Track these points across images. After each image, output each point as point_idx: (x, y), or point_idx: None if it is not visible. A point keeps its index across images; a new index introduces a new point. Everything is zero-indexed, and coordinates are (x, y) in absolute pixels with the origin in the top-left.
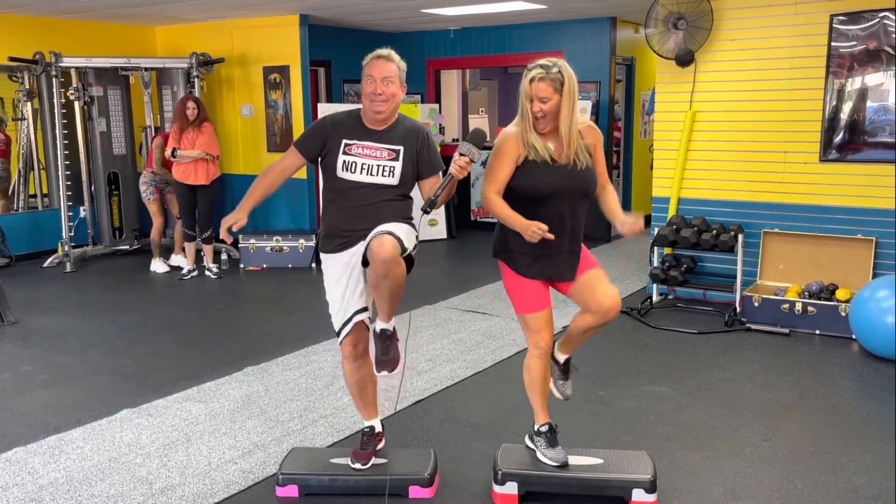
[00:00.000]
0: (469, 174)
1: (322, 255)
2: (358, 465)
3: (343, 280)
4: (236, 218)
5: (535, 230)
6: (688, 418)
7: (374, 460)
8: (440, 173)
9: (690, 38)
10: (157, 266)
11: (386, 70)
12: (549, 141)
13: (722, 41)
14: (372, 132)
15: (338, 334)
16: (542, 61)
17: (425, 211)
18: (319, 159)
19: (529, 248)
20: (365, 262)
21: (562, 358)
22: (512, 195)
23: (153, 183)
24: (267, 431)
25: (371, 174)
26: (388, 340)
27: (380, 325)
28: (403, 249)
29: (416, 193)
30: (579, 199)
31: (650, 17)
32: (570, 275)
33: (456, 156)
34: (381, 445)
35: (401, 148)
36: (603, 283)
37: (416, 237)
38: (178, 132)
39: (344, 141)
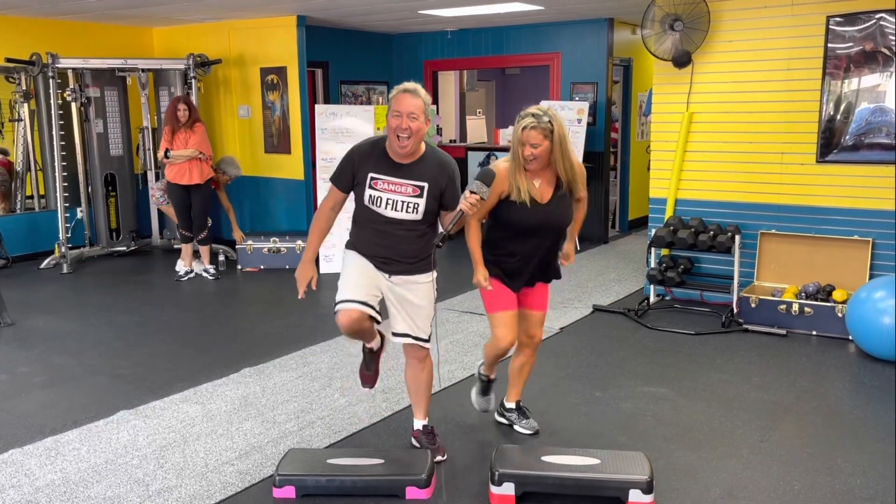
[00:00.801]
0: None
1: (348, 250)
2: (367, 388)
3: (366, 271)
4: (310, 274)
5: (479, 280)
6: (685, 419)
7: (368, 460)
8: None
9: (687, 40)
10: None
11: (412, 105)
12: (536, 179)
13: (719, 42)
14: (398, 166)
15: (336, 303)
16: (532, 110)
17: (438, 246)
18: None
19: (497, 263)
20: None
21: (512, 404)
22: (497, 223)
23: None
24: (264, 433)
25: (395, 209)
26: (430, 434)
27: (419, 423)
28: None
29: None
30: (556, 233)
31: (646, 19)
32: (521, 286)
33: (466, 193)
34: (383, 352)
35: (426, 185)
36: (539, 325)
37: (435, 279)
38: (169, 133)
39: (371, 175)
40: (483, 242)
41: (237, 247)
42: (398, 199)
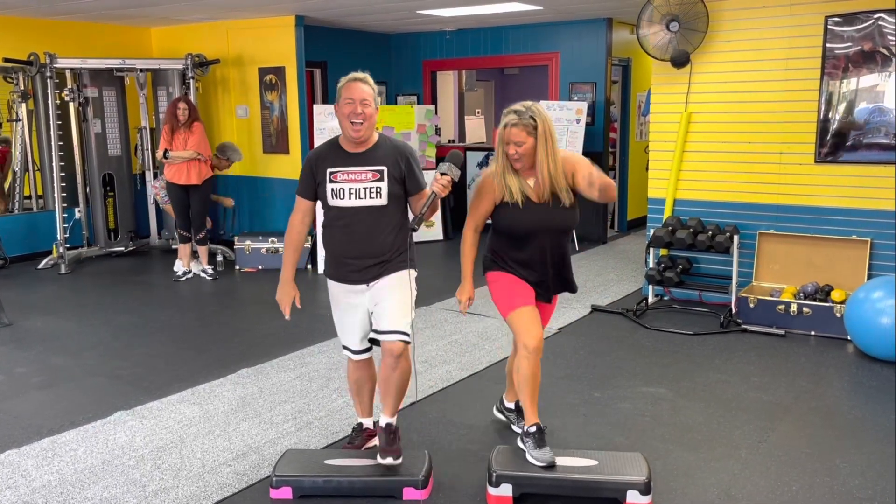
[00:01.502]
0: (465, 179)
1: (327, 279)
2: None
3: (347, 315)
4: (291, 294)
5: (462, 299)
6: (683, 420)
7: (365, 461)
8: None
9: (684, 40)
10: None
11: (364, 92)
12: (529, 178)
13: (717, 42)
14: (353, 156)
15: (342, 344)
16: (516, 107)
17: (413, 228)
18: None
19: (519, 264)
20: (372, 342)
21: (511, 404)
22: (497, 232)
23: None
24: (261, 433)
25: (360, 197)
26: (392, 434)
27: (384, 419)
28: (410, 340)
29: None
30: (560, 235)
31: (642, 19)
32: (549, 296)
33: (437, 175)
34: (371, 443)
35: (384, 168)
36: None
37: (415, 278)
38: (168, 133)
39: (328, 170)
40: (491, 255)
41: (235, 247)
42: (360, 187)
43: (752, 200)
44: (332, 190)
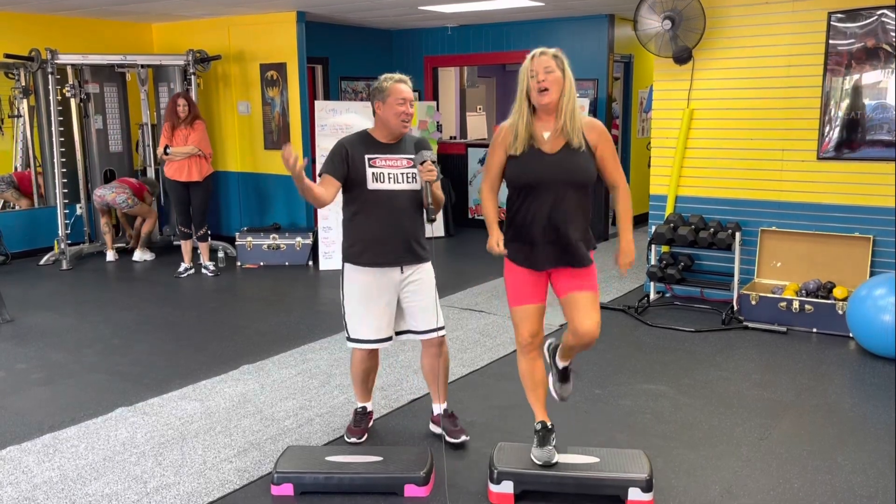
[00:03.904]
0: (467, 172)
1: (348, 266)
2: (353, 440)
3: (372, 301)
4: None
5: (492, 245)
6: (684, 417)
7: (367, 457)
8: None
9: (683, 37)
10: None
11: (411, 94)
12: (545, 129)
13: (720, 39)
14: (386, 145)
15: (349, 337)
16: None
17: (431, 219)
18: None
19: (514, 235)
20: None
21: (560, 364)
22: (508, 185)
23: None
24: (262, 430)
25: (398, 181)
26: (454, 417)
27: (441, 406)
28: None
29: None
30: (568, 189)
31: (639, 14)
32: (547, 264)
33: (418, 167)
34: (370, 423)
35: (413, 156)
36: (587, 309)
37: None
38: (169, 130)
39: (366, 156)
40: (505, 226)
41: (236, 243)
42: (398, 172)
43: (755, 197)
44: (373, 174)
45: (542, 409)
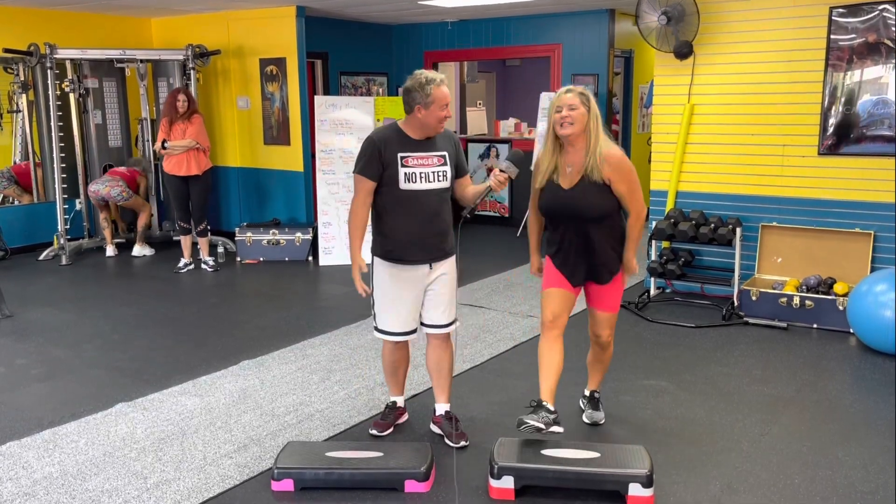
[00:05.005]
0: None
1: (377, 260)
2: (374, 432)
3: (401, 296)
4: (358, 265)
5: (532, 272)
6: (685, 412)
7: (367, 453)
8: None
9: (681, 32)
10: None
11: (449, 96)
12: (569, 164)
13: (720, 34)
14: (418, 142)
15: (377, 328)
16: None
17: (466, 217)
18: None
19: (555, 251)
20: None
21: (587, 391)
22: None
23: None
24: (262, 425)
25: (429, 181)
26: (456, 420)
27: (444, 406)
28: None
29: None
30: (585, 222)
31: (640, 8)
32: (579, 280)
33: (496, 171)
34: (402, 420)
35: (445, 153)
36: (602, 325)
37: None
38: (167, 125)
39: (399, 154)
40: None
41: (236, 239)
42: (429, 171)
43: (755, 193)
44: (406, 174)
45: (550, 394)
